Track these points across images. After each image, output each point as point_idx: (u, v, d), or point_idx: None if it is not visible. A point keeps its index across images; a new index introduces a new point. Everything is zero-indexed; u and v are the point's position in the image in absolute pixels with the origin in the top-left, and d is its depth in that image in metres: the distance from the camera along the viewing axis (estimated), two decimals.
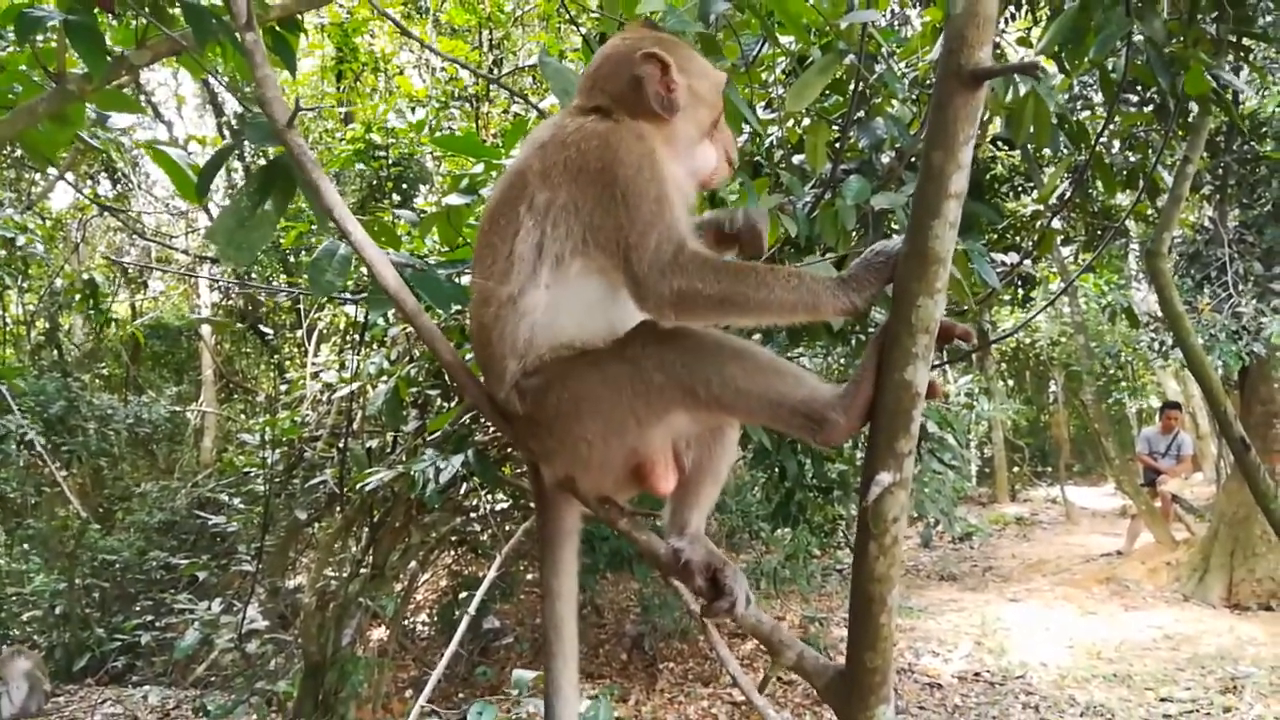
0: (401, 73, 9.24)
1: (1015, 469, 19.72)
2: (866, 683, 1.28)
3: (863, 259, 1.35)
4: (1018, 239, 5.85)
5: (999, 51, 4.45)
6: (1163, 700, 6.60)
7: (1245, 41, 3.95)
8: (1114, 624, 8.57)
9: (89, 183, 9.22)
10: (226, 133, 8.87)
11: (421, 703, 3.87)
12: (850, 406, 1.33)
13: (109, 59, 2.35)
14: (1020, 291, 7.56)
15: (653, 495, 1.57)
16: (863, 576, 1.24)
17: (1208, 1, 3.56)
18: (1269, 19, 5.19)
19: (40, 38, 2.43)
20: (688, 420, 1.52)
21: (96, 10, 2.25)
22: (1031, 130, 3.30)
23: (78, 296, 8.11)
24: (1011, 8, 5.12)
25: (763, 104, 4.15)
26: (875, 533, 1.22)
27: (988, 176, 6.34)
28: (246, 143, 2.17)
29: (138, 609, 8.14)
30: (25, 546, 9.12)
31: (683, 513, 1.66)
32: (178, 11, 2.54)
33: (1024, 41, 4.45)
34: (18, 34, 2.10)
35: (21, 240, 7.39)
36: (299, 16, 3.13)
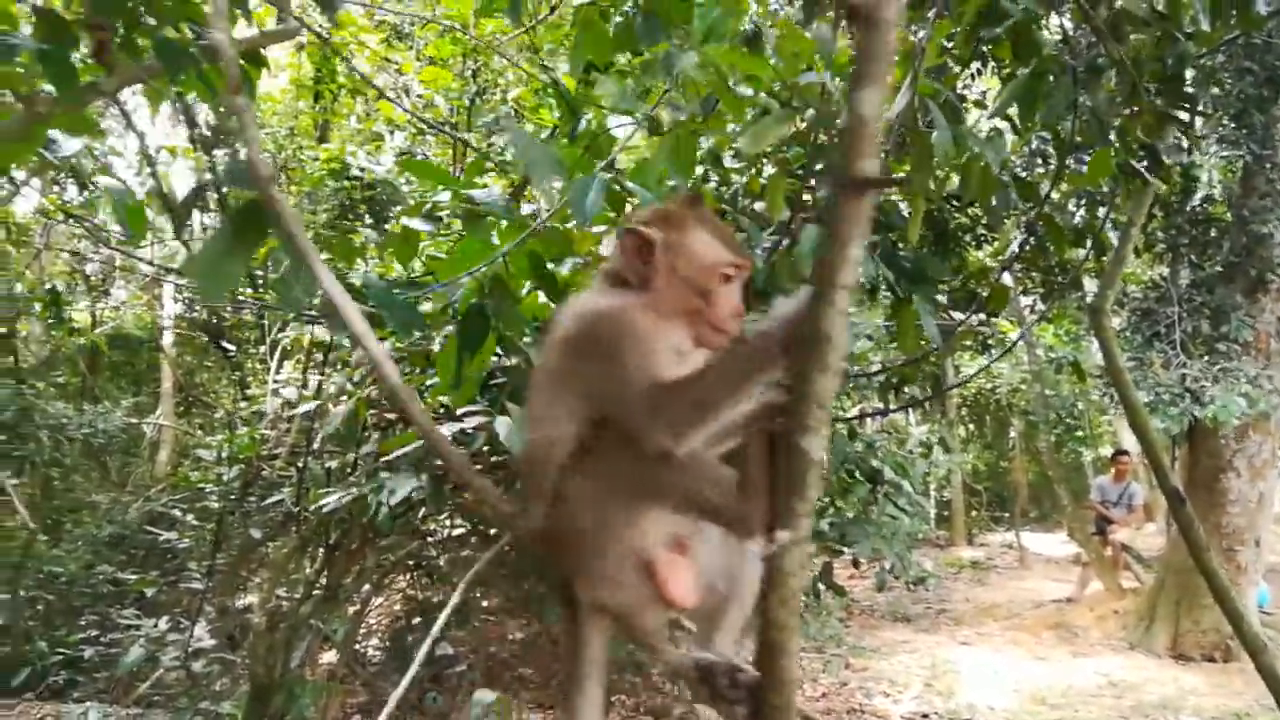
0: (381, 96, 9.29)
1: (973, 513, 19.90)
2: None
3: (765, 324, 1.44)
4: (979, 289, 6.01)
5: (965, 108, 4.61)
6: None
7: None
8: (1061, 670, 8.70)
9: (54, 188, 9.13)
10: (199, 145, 8.85)
11: None
12: (752, 506, 1.46)
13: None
14: (981, 339, 7.72)
15: (673, 607, 1.59)
16: (766, 625, 1.33)
17: (1149, 75, 3.74)
18: (1214, 92, 5.43)
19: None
20: (667, 517, 1.57)
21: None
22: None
23: (38, 305, 8.05)
24: (978, 64, 5.31)
25: (730, 153, 4.29)
26: (776, 585, 1.32)
27: (952, 226, 6.51)
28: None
29: (82, 623, 7.99)
30: None
31: (708, 632, 1.70)
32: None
33: (979, 104, 4.62)
34: None
35: None
36: (262, 51, 3.21)
